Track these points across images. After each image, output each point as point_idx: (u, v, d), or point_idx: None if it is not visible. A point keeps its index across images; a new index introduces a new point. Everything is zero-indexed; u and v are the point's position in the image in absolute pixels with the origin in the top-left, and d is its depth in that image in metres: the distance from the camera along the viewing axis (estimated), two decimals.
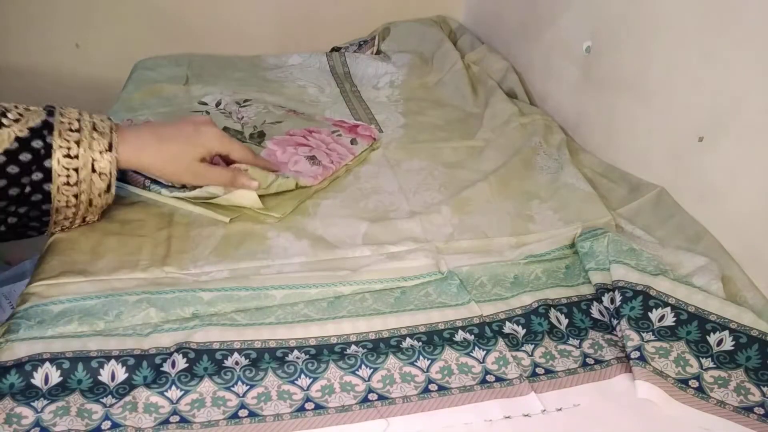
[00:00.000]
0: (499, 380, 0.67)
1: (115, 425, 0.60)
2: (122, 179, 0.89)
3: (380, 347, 0.70)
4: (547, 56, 1.26)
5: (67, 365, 0.64)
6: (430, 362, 0.68)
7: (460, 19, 1.67)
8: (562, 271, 0.83)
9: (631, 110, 1.02)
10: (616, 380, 0.68)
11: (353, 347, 0.70)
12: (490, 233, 0.89)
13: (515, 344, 0.71)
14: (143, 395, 0.62)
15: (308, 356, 0.69)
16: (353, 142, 1.06)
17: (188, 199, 0.89)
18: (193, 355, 0.67)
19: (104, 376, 0.65)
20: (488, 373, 0.68)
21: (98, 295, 0.73)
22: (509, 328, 0.74)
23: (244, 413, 0.62)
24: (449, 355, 0.69)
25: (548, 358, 0.70)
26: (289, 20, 1.60)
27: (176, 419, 0.61)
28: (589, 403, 0.65)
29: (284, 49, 1.54)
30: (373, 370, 0.67)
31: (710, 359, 0.70)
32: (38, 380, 0.63)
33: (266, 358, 0.68)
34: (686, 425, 0.63)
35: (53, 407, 0.61)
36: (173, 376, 0.64)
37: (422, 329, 0.73)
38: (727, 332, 0.71)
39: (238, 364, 0.67)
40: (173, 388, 0.63)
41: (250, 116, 1.11)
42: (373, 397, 0.64)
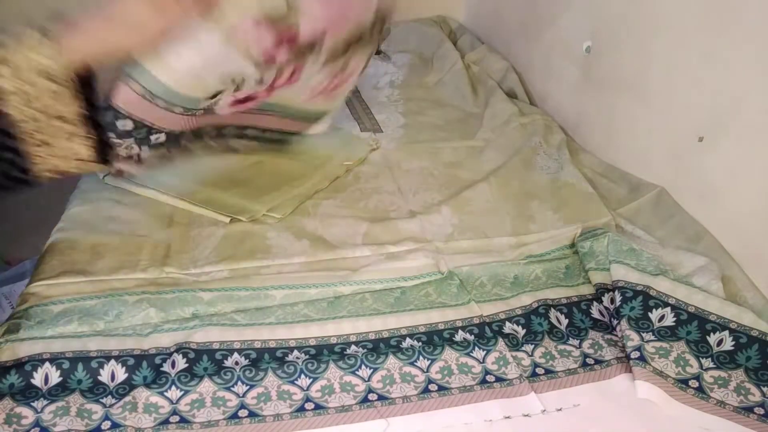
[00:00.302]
0: (499, 380, 0.67)
1: (115, 425, 0.60)
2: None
3: (380, 347, 0.70)
4: (547, 56, 1.26)
5: (67, 365, 0.64)
6: (430, 362, 0.68)
7: (460, 19, 1.67)
8: (562, 271, 0.83)
9: (631, 110, 1.01)
10: (616, 380, 0.68)
11: (353, 347, 0.70)
12: (490, 233, 0.89)
13: (515, 344, 0.71)
14: (143, 395, 0.62)
15: (308, 356, 0.69)
16: None
17: (188, 199, 0.89)
18: (192, 355, 0.67)
19: (104, 376, 0.65)
20: (488, 373, 0.68)
21: (98, 295, 0.73)
22: (509, 328, 0.74)
23: (244, 413, 0.62)
24: (449, 355, 0.69)
25: (548, 358, 0.70)
26: None
27: (176, 419, 0.61)
28: (589, 403, 0.65)
29: None
30: (373, 370, 0.67)
31: (710, 359, 0.70)
32: (38, 380, 0.63)
33: (266, 358, 0.68)
34: (686, 425, 0.63)
35: (53, 407, 0.61)
36: (173, 376, 0.64)
37: (422, 329, 0.73)
38: (727, 332, 0.71)
39: (237, 364, 0.67)
40: (173, 388, 0.63)
41: None
42: (373, 397, 0.64)
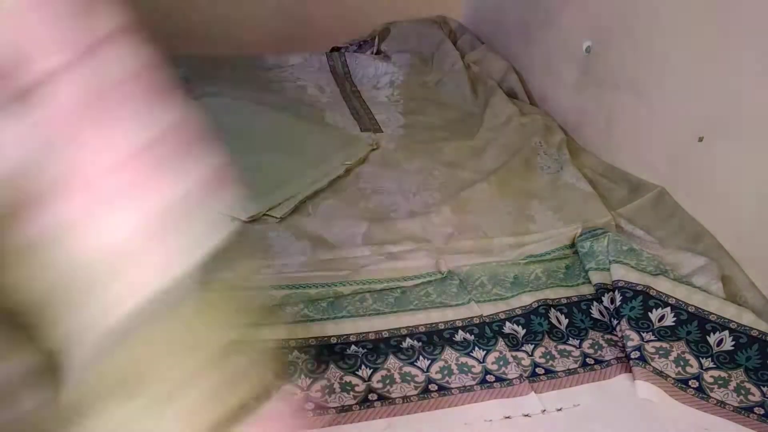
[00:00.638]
0: (499, 380, 0.67)
1: None
2: None
3: (380, 347, 0.70)
4: (547, 56, 1.26)
5: None
6: (430, 362, 0.68)
7: (460, 19, 1.67)
8: (562, 271, 0.83)
9: (631, 110, 1.01)
10: (616, 380, 0.68)
11: (353, 347, 0.70)
12: (490, 233, 0.89)
13: (515, 344, 0.71)
14: None
15: (308, 356, 0.69)
16: None
17: None
18: None
19: None
20: (488, 373, 0.68)
21: None
22: (509, 328, 0.74)
23: None
24: (449, 355, 0.69)
25: (548, 358, 0.70)
26: (289, 20, 1.60)
27: None
28: (589, 403, 0.65)
29: (284, 49, 1.54)
30: (373, 370, 0.67)
31: (710, 359, 0.70)
32: None
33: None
34: (686, 425, 0.63)
35: None
36: None
37: (422, 329, 0.73)
38: (727, 332, 0.71)
39: None
40: None
41: None
42: (372, 397, 0.64)
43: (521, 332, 0.73)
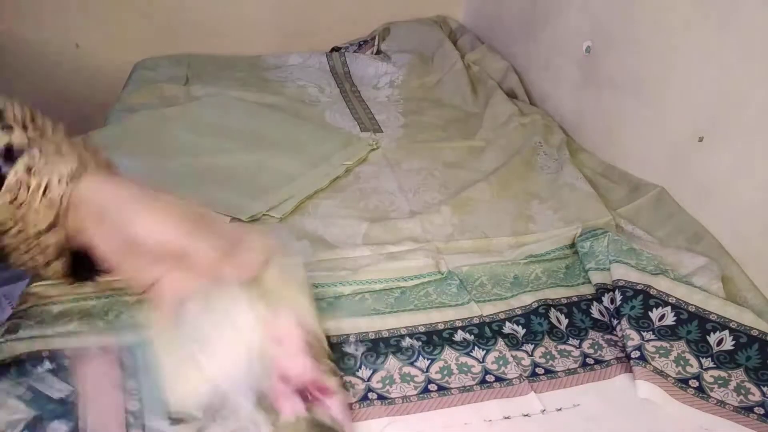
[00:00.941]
0: (498, 380, 0.67)
1: None
2: None
3: (380, 347, 0.70)
4: (547, 56, 1.26)
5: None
6: (429, 362, 0.68)
7: (460, 19, 1.67)
8: (562, 271, 0.83)
9: (631, 110, 1.01)
10: (616, 380, 0.68)
11: (352, 346, 0.70)
12: (490, 233, 0.89)
13: (515, 344, 0.71)
14: None
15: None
16: None
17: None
18: None
19: None
20: (488, 372, 0.68)
21: (98, 295, 0.73)
22: (509, 328, 0.74)
23: None
24: (449, 355, 0.69)
25: (548, 358, 0.70)
26: (289, 20, 1.60)
27: None
28: (589, 403, 0.65)
29: (284, 49, 1.54)
30: (372, 371, 0.67)
31: (710, 359, 0.70)
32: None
33: None
34: (686, 425, 0.63)
35: None
36: None
37: (422, 329, 0.73)
38: (727, 332, 0.71)
39: None
40: None
41: None
42: (372, 396, 0.64)
43: (521, 332, 0.73)
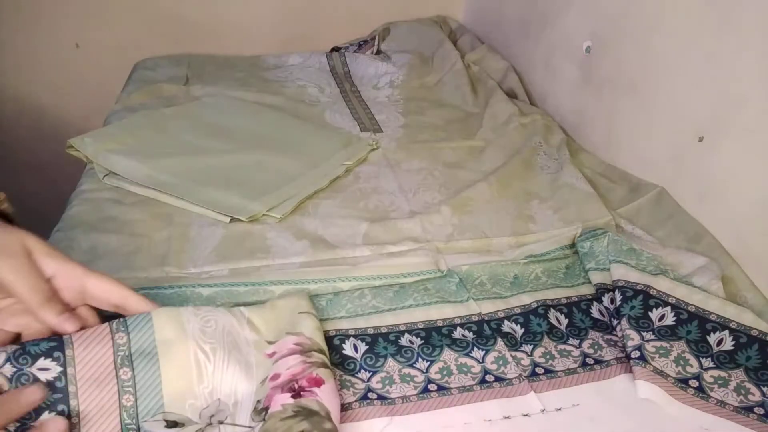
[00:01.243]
0: (498, 380, 0.67)
1: None
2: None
3: (378, 342, 0.70)
4: (547, 56, 1.26)
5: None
6: (429, 363, 0.68)
7: (460, 19, 1.67)
8: (562, 271, 0.83)
9: (631, 110, 1.02)
10: (616, 380, 0.68)
11: (351, 344, 0.70)
12: (490, 233, 0.89)
13: (514, 344, 0.71)
14: None
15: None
16: None
17: (188, 199, 0.89)
18: None
19: None
20: (487, 372, 0.68)
21: None
22: (507, 326, 0.74)
23: None
24: (448, 356, 0.69)
25: (548, 357, 0.70)
26: (289, 20, 1.60)
27: None
28: (589, 403, 0.65)
29: (284, 49, 1.54)
30: (372, 373, 0.67)
31: (710, 359, 0.69)
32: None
33: None
34: (686, 425, 0.63)
35: None
36: None
37: (420, 326, 0.73)
38: (727, 332, 0.71)
39: None
40: None
41: None
42: (372, 396, 0.64)
43: (519, 332, 0.73)
